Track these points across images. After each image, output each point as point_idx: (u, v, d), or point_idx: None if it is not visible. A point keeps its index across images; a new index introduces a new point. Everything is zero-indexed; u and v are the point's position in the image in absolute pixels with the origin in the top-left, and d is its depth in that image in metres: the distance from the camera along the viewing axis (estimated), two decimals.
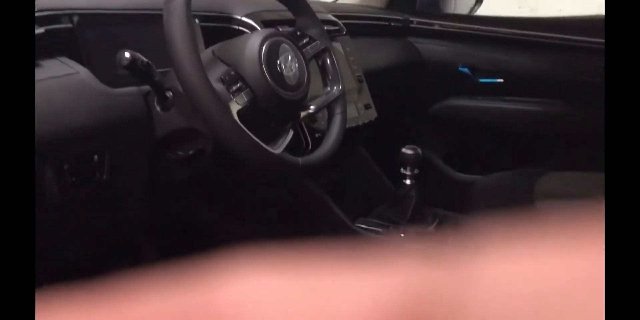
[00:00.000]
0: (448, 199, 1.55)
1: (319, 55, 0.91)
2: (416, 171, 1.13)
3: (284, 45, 0.79)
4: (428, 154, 1.59)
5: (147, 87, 0.77)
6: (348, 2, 1.65)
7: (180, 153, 0.81)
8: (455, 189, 1.57)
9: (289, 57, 0.79)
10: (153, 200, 0.87)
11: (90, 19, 0.77)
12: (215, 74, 0.71)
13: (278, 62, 0.76)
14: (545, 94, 1.48)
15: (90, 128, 0.70)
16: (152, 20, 0.85)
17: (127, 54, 0.69)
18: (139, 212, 0.88)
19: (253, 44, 0.75)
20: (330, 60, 0.91)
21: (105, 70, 0.77)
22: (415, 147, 1.13)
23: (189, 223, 1.11)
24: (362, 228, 1.12)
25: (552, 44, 1.44)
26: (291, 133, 0.80)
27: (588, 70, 1.39)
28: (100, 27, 0.79)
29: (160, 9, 0.86)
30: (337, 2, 1.66)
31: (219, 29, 0.98)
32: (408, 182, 1.14)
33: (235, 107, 0.69)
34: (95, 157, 0.73)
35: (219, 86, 0.70)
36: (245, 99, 0.72)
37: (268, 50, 0.75)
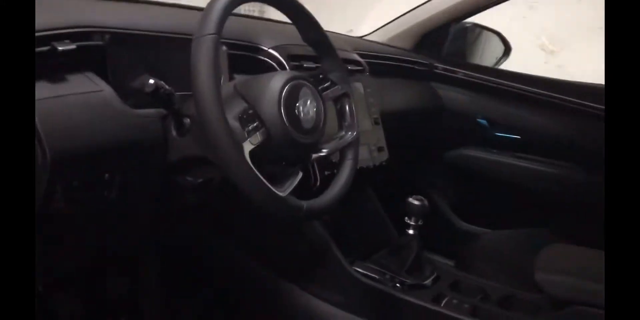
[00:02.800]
0: (450, 248, 1.54)
1: (338, 100, 0.91)
2: (420, 222, 1.12)
3: (305, 88, 0.79)
4: (436, 200, 1.58)
5: (165, 110, 0.77)
6: (374, 39, 1.67)
7: (189, 179, 0.81)
8: (459, 238, 1.55)
9: (308, 101, 0.79)
10: (158, 222, 0.87)
11: (121, 38, 0.78)
12: (234, 111, 0.71)
13: (297, 105, 0.77)
14: (560, 156, 1.48)
15: (106, 147, 0.71)
16: (180, 44, 0.86)
17: (151, 81, 0.70)
18: (142, 232, 0.88)
19: (275, 85, 0.75)
20: (348, 106, 0.91)
21: (129, 89, 0.78)
22: (422, 197, 1.12)
23: (189, 248, 1.11)
24: (360, 273, 1.11)
25: (573, 108, 1.43)
26: (300, 175, 0.79)
27: (603, 137, 1.39)
28: (130, 47, 0.80)
29: (189, 34, 0.87)
30: (364, 37, 1.67)
31: (245, 57, 0.99)
32: (411, 232, 1.13)
33: (248, 147, 0.69)
34: (107, 175, 0.73)
35: (235, 124, 0.70)
36: (260, 139, 0.72)
37: (288, 93, 0.75)
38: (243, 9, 0.82)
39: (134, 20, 0.84)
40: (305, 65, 1.02)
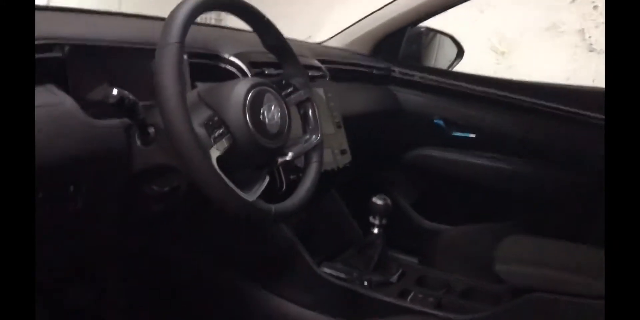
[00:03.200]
0: (414, 245, 1.58)
1: (301, 104, 0.94)
2: (384, 221, 1.16)
3: (269, 94, 0.81)
4: (398, 199, 1.63)
5: (129, 120, 0.78)
6: (333, 44, 1.71)
7: (155, 188, 0.81)
8: (421, 236, 1.60)
9: (272, 107, 0.81)
10: (123, 232, 0.87)
11: (81, 50, 0.78)
12: (199, 119, 0.72)
13: (261, 110, 0.78)
14: (513, 153, 1.55)
15: (70, 159, 0.71)
16: (142, 54, 0.87)
17: (115, 92, 0.70)
18: (108, 242, 0.88)
19: (239, 92, 0.77)
20: (312, 110, 0.94)
21: (91, 100, 0.78)
22: (386, 197, 1.15)
23: (155, 256, 1.10)
24: (327, 273, 1.13)
25: (523, 106, 1.50)
26: (267, 179, 0.81)
27: (556, 135, 1.47)
28: (90, 58, 0.80)
29: (150, 44, 0.88)
30: (323, 44, 1.71)
31: (206, 66, 1.00)
32: (376, 231, 1.16)
33: (215, 153, 0.70)
34: (72, 187, 0.73)
35: (201, 131, 0.71)
36: (226, 145, 0.73)
37: (253, 99, 0.77)
38: (200, 17, 0.83)
39: (93, 32, 0.84)
40: (266, 71, 1.04)
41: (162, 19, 1.05)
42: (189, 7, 0.73)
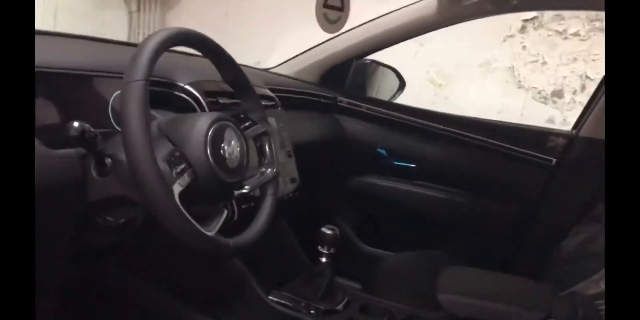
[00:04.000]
0: (356, 271, 1.62)
1: (258, 138, 0.96)
2: (332, 250, 1.19)
3: (229, 129, 0.82)
4: (342, 225, 1.67)
5: (85, 150, 0.77)
6: (282, 71, 1.74)
7: (110, 219, 0.80)
8: (363, 261, 1.64)
9: (232, 141, 0.82)
10: (72, 263, 0.85)
11: (37, 78, 0.77)
12: (161, 154, 0.72)
13: (222, 145, 0.79)
14: (450, 183, 1.63)
15: None
16: (99, 82, 0.86)
17: (76, 125, 0.69)
18: (54, 274, 0.85)
19: (201, 127, 0.77)
20: (268, 144, 0.96)
21: (46, 130, 0.76)
22: (334, 227, 1.18)
23: (100, 287, 1.07)
24: (276, 302, 1.14)
25: (461, 139, 1.60)
26: (225, 213, 0.82)
27: (488, 167, 1.57)
28: (44, 85, 0.79)
29: (109, 72, 0.87)
30: (272, 70, 1.74)
31: (159, 93, 0.99)
32: (324, 260, 1.19)
33: (177, 189, 0.71)
34: None
35: (164, 167, 0.71)
36: (188, 180, 0.73)
37: (214, 135, 0.78)
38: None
39: (46, 57, 0.82)
40: (220, 101, 1.04)
41: (120, 43, 1.04)
42: (155, 43, 0.74)
